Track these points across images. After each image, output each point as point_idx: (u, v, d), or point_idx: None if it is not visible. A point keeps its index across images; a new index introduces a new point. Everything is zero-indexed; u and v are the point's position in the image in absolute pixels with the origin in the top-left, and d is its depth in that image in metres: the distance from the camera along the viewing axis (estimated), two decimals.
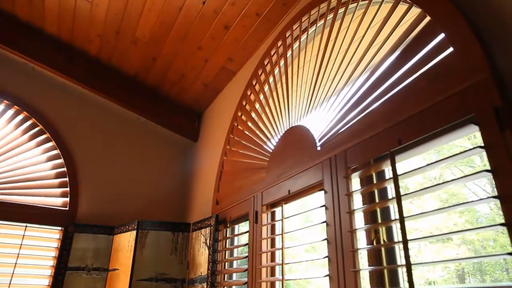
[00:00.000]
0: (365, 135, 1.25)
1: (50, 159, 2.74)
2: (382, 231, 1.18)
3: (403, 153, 1.13)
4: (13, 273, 2.35)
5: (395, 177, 1.08)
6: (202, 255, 2.19)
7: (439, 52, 1.06)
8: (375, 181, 1.26)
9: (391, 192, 1.21)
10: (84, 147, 2.87)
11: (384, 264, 1.15)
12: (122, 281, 2.33)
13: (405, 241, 0.99)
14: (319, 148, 1.50)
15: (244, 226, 2.15)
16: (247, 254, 1.83)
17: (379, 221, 1.21)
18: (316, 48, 1.75)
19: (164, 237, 2.42)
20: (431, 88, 1.05)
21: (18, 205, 2.52)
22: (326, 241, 1.31)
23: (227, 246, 2.15)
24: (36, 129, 2.74)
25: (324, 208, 1.36)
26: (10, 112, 2.71)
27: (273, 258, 1.70)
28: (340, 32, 1.58)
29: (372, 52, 1.35)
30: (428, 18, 1.13)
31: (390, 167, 1.19)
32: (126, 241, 2.45)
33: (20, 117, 2.72)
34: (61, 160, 2.75)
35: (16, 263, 2.38)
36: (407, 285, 0.98)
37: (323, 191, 1.40)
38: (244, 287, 1.82)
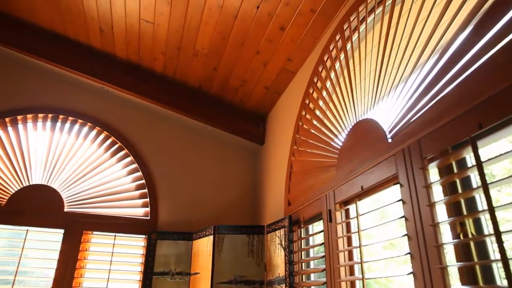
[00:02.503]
0: (440, 122, 1.16)
1: (130, 172, 2.96)
2: (469, 224, 1.09)
3: (485, 137, 1.03)
4: (108, 278, 2.58)
5: (479, 164, 0.99)
6: (278, 257, 2.21)
7: None
8: (455, 170, 1.17)
9: (475, 181, 1.11)
10: (159, 159, 3.06)
11: (475, 259, 1.05)
12: (203, 284, 2.43)
13: (497, 233, 0.91)
14: (390, 140, 1.43)
15: (318, 226, 2.12)
16: (323, 254, 1.80)
17: (464, 213, 1.11)
18: (377, 36, 1.68)
19: (240, 240, 2.48)
20: None
21: (108, 216, 2.77)
22: (406, 236, 1.25)
23: (302, 247, 2.14)
24: (116, 146, 2.99)
25: (401, 202, 1.30)
26: (93, 133, 2.98)
27: (350, 257, 1.66)
28: (401, 16, 1.49)
29: (440, 32, 1.25)
30: None
31: (471, 154, 1.09)
32: (204, 246, 2.56)
33: (101, 136, 2.99)
34: (139, 173, 2.96)
35: (110, 269, 2.61)
36: (505, 282, 0.89)
37: (398, 185, 1.33)
38: (323, 287, 1.79)
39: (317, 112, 2.22)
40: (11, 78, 2.92)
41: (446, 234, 1.13)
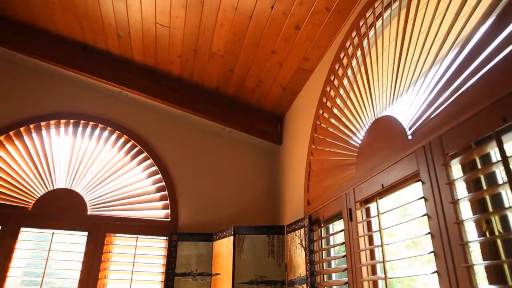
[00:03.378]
0: (461, 117, 1.13)
1: (150, 175, 3.01)
2: (495, 221, 1.06)
3: (510, 132, 1.00)
4: (131, 279, 2.62)
5: (505, 159, 0.96)
6: (299, 256, 2.20)
7: None
8: (479, 166, 1.13)
9: (500, 177, 1.08)
10: (177, 161, 3.09)
11: (503, 257, 1.02)
12: (225, 284, 2.44)
13: None
14: (410, 137, 1.40)
15: (338, 225, 2.10)
16: (344, 253, 1.78)
17: (490, 209, 1.08)
18: (394, 32, 1.65)
19: (260, 240, 2.48)
20: None
21: (130, 219, 2.82)
22: (429, 235, 1.22)
23: (323, 246, 2.12)
24: (136, 149, 3.04)
25: (423, 200, 1.27)
26: (113, 137, 3.04)
27: (372, 256, 1.63)
28: (418, 10, 1.46)
29: (460, 24, 1.22)
30: None
31: (496, 149, 1.06)
32: (224, 246, 2.57)
33: (121, 140, 3.05)
34: (159, 176, 3.00)
35: (132, 271, 2.65)
36: None
37: (420, 182, 1.30)
38: (345, 287, 1.77)
39: (335, 111, 2.20)
40: (34, 86, 3.01)
41: (471, 232, 1.10)
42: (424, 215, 1.25)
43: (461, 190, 1.16)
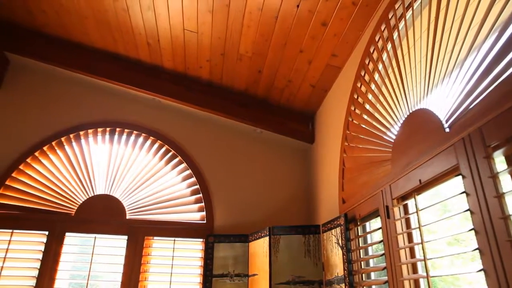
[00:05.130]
0: (503, 106, 1.07)
1: (185, 179, 3.07)
2: None
3: None
4: (170, 281, 2.68)
5: None
6: (336, 256, 2.16)
7: None
8: None
9: None
10: (211, 164, 3.13)
11: None
12: (262, 285, 2.44)
13: None
14: (447, 130, 1.35)
15: (375, 223, 2.05)
16: (382, 252, 1.74)
17: None
18: (425, 21, 1.59)
19: (296, 240, 2.46)
20: None
21: (166, 222, 2.89)
22: (473, 231, 1.16)
23: (360, 245, 2.08)
24: (170, 154, 3.11)
25: (464, 194, 1.21)
26: (148, 142, 3.13)
27: (412, 254, 1.58)
28: None
29: (497, 8, 1.16)
30: None
31: None
32: (260, 247, 2.57)
33: (155, 145, 3.12)
34: (193, 179, 3.06)
35: (171, 273, 2.71)
36: None
37: (460, 176, 1.25)
38: (385, 286, 1.73)
39: (367, 106, 2.16)
40: (71, 97, 3.15)
41: None
42: (467, 210, 1.20)
43: (506, 183, 1.10)
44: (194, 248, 2.85)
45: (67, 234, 2.74)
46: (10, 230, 2.67)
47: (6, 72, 3.13)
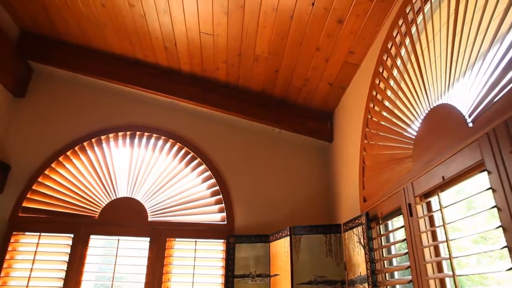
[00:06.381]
0: None
1: (205, 180, 3.09)
2: None
3: None
4: (193, 282, 2.71)
5: None
6: (358, 255, 2.14)
7: None
8: None
9: None
10: (230, 165, 3.15)
11: None
12: (284, 285, 2.44)
13: None
14: (470, 125, 1.31)
15: (397, 221, 2.02)
16: (406, 250, 1.70)
17: None
18: (445, 14, 1.55)
19: (317, 240, 2.45)
20: None
21: (188, 223, 2.91)
22: (501, 228, 1.13)
23: (382, 244, 2.05)
24: (189, 156, 3.14)
25: (491, 191, 1.18)
26: (167, 145, 3.17)
27: (437, 253, 1.54)
28: None
29: None
30: None
31: None
32: (281, 247, 2.57)
33: (175, 148, 3.16)
34: (213, 180, 3.08)
35: (193, 273, 2.74)
36: None
37: (485, 172, 1.21)
38: (409, 286, 1.69)
39: (386, 103, 2.12)
40: (92, 103, 3.23)
41: None
42: (493, 207, 1.16)
43: None
44: (215, 249, 2.87)
45: (91, 236, 2.80)
46: (38, 233, 2.76)
47: (30, 80, 3.24)
